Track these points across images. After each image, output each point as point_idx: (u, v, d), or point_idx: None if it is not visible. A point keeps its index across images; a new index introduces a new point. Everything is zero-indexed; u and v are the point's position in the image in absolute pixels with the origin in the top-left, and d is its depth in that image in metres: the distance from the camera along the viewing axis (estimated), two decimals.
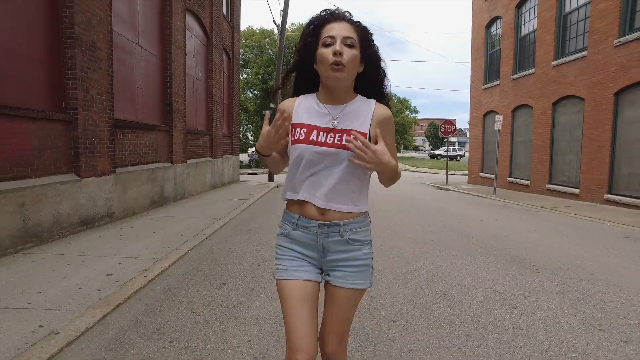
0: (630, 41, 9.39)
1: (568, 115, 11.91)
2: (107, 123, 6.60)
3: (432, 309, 3.16)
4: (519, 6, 14.55)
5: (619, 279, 4.02)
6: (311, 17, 1.46)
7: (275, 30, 23.16)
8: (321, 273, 1.49)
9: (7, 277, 3.72)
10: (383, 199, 10.68)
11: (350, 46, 1.36)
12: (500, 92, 15.69)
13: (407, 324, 2.87)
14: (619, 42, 9.71)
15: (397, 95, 52.01)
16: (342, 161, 1.37)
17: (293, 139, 1.43)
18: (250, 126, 35.03)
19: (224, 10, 14.99)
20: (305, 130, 1.41)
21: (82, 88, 5.90)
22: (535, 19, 13.43)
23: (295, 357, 1.31)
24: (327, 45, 1.36)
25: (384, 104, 1.49)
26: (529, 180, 13.71)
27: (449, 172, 25.91)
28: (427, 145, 79.28)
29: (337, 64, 1.33)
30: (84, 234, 5.67)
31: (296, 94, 1.53)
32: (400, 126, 47.13)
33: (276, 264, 1.48)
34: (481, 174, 17.12)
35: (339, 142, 1.37)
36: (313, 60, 1.43)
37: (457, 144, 62.07)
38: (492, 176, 15.65)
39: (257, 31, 34.43)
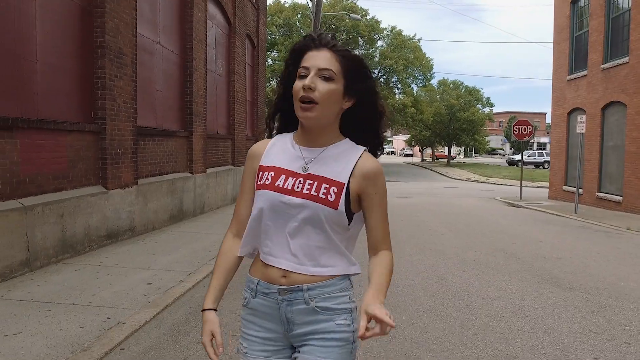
0: None
1: None
2: (131, 131, 8.34)
3: (451, 316, 4.53)
4: None
5: None
6: (294, 43, 1.63)
7: (310, 4, 24.95)
8: (292, 351, 1.60)
9: (62, 282, 5.38)
10: (436, 218, 12.03)
11: (327, 79, 1.47)
12: (588, 85, 16.63)
13: (423, 325, 4.25)
14: None
15: (465, 83, 52.92)
16: (305, 213, 1.49)
17: (259, 182, 1.58)
18: (277, 124, 37.02)
19: None
20: (272, 174, 1.55)
21: (110, 97, 7.64)
22: None
23: None
24: (301, 77, 1.48)
25: (375, 154, 1.66)
26: (621, 195, 14.58)
27: (531, 185, 26.88)
28: (507, 148, 79.15)
29: (306, 101, 1.45)
30: (110, 247, 7.35)
31: (281, 128, 1.72)
32: (469, 124, 47.83)
33: (240, 341, 1.64)
34: (564, 187, 18.00)
35: (307, 192, 1.49)
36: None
37: (547, 146, 61.80)
38: (580, 190, 16.59)
39: (287, 5, 36.57)
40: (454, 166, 48.59)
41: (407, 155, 78.64)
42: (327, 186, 1.49)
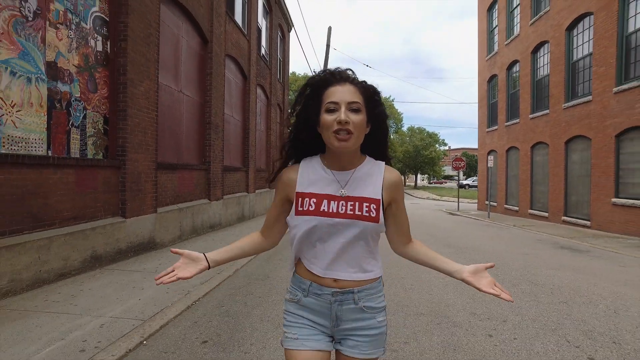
0: (571, 106, 13.33)
1: (541, 156, 15.72)
2: (221, 168, 11.26)
3: (389, 260, 7.36)
4: (509, 68, 18.62)
5: (493, 251, 8.02)
6: (309, 77, 1.43)
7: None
8: (332, 341, 1.47)
9: (199, 246, 8.22)
10: None
11: (356, 111, 1.33)
12: (498, 135, 19.59)
13: None
14: (565, 105, 13.64)
15: (428, 129, 56.11)
16: (354, 230, 1.37)
17: (301, 209, 1.40)
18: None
19: (278, 75, 19.98)
20: (314, 200, 1.39)
21: (212, 150, 10.58)
22: (519, 80, 17.47)
23: None
24: (330, 111, 1.33)
25: (388, 161, 1.50)
26: (517, 206, 17.40)
27: (470, 201, 29.62)
28: (460, 175, 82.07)
29: (341, 132, 1.32)
30: (213, 232, 10.19)
31: (297, 157, 1.51)
32: (430, 159, 50.93)
33: (285, 332, 1.46)
34: (486, 202, 20.77)
35: (351, 212, 1.36)
36: (315, 123, 1.39)
37: None
38: (495, 204, 19.45)
39: (300, 76, 39.85)
40: (419, 189, 51.37)
41: None
42: (367, 204, 1.38)
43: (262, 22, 16.68)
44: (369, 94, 1.39)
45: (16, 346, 3.16)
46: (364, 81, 1.40)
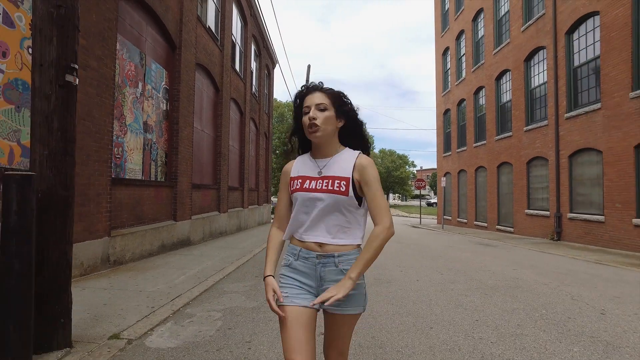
0: (500, 139, 17.17)
1: (482, 177, 19.51)
2: (227, 188, 14.40)
3: None
4: (459, 104, 22.59)
5: (427, 244, 11.40)
6: (296, 93, 1.87)
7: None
8: None
9: (221, 244, 11.30)
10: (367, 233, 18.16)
11: (323, 109, 1.74)
12: (452, 160, 23.43)
13: None
14: (497, 138, 17.47)
15: (398, 152, 60.61)
16: (327, 202, 1.70)
17: (292, 188, 1.81)
18: (273, 180, 43.02)
19: (265, 108, 23.34)
20: (300, 180, 1.79)
21: (221, 174, 13.74)
22: (466, 115, 21.40)
23: None
24: (306, 114, 1.76)
25: (367, 153, 1.85)
26: (466, 219, 21.09)
27: (434, 216, 33.32)
28: (432, 194, 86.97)
29: (312, 126, 1.73)
30: (222, 237, 13.26)
31: (299, 150, 1.95)
32: (400, 180, 55.14)
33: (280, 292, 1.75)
34: (443, 217, 24.48)
35: (325, 187, 1.72)
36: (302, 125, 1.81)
37: None
38: (450, 217, 23.12)
39: (282, 103, 43.37)
40: (390, 207, 55.23)
41: None
42: (339, 181, 1.71)
43: (253, 65, 20.12)
44: (336, 96, 1.80)
45: (162, 278, 6.27)
46: (331, 88, 1.83)
